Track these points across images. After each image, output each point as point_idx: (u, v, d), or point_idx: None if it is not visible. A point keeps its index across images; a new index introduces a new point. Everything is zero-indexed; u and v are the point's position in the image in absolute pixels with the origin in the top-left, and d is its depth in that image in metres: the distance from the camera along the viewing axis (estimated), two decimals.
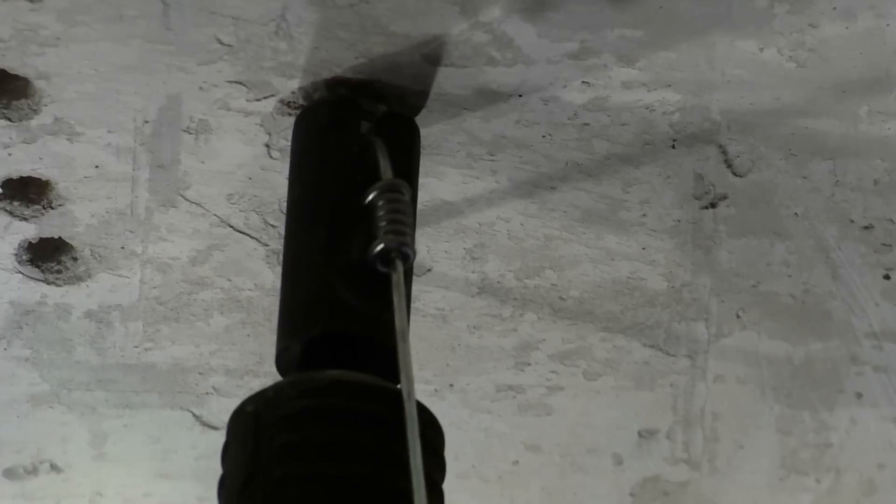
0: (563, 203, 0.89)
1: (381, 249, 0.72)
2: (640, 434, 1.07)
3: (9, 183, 0.86)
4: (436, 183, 0.88)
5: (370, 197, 0.74)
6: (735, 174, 0.88)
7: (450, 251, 0.93)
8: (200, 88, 0.81)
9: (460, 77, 0.81)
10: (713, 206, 0.90)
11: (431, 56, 0.79)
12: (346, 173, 0.76)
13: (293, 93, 0.81)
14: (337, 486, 0.66)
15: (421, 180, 0.87)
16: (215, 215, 0.89)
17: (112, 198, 0.87)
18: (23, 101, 0.81)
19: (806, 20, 0.78)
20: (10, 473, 1.07)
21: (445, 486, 0.68)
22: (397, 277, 0.71)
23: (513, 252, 0.93)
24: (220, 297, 0.95)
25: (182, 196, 0.88)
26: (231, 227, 0.90)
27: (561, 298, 0.96)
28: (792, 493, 1.10)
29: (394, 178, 0.75)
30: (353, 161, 0.77)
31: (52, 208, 0.87)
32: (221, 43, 0.78)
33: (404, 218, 0.73)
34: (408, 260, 0.72)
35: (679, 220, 0.91)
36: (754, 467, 1.07)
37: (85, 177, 0.86)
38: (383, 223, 0.73)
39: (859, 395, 1.02)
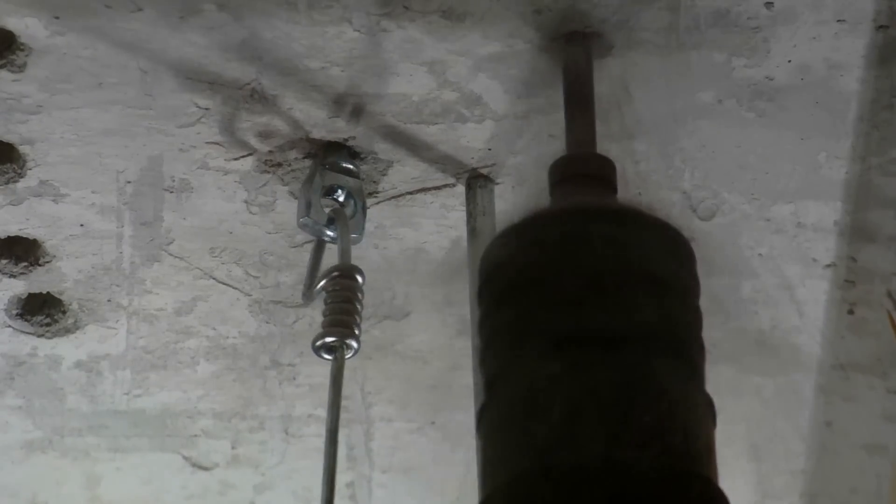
0: None
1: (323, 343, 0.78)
2: None
3: None
4: (411, 233, 0.90)
5: (320, 284, 0.79)
6: (700, 218, 0.90)
7: (427, 296, 0.95)
8: (180, 150, 0.83)
9: (431, 133, 0.83)
10: None
11: (402, 115, 0.82)
12: None
13: (270, 152, 0.84)
14: None
15: (397, 230, 0.90)
16: (198, 268, 0.92)
17: (98, 254, 0.90)
18: (8, 165, 0.83)
19: (763, 73, 0.80)
20: None
21: None
22: (335, 370, 0.76)
23: None
24: (206, 345, 0.97)
25: (166, 251, 0.90)
26: (214, 279, 0.92)
27: None
28: None
29: (345, 263, 0.79)
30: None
31: (40, 265, 0.90)
32: (199, 106, 0.81)
33: (350, 307, 0.78)
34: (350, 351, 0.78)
35: None
36: (730, 493, 1.08)
37: (71, 235, 0.88)
38: (328, 313, 0.78)
39: (829, 424, 1.04)
